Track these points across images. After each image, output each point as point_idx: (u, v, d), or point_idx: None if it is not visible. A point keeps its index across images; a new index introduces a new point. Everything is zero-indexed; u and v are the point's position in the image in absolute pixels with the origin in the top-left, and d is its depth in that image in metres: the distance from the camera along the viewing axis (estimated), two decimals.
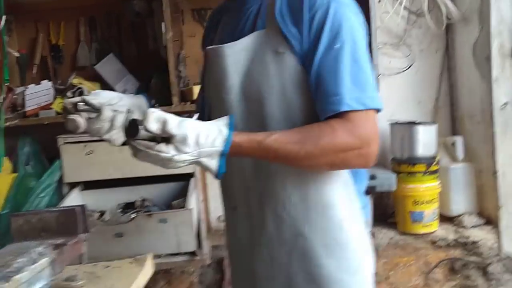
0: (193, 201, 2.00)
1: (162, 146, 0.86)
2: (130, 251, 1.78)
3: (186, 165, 0.91)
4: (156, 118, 0.86)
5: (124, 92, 2.19)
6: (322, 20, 1.01)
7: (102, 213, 2.00)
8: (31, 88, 2.15)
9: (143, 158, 0.89)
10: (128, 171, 2.02)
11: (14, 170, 2.05)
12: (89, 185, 2.12)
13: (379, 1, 2.42)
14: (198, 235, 1.94)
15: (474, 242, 2.26)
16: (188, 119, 0.90)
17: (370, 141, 0.97)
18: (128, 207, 2.06)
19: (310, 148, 0.95)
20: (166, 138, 0.87)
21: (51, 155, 2.11)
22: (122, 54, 2.40)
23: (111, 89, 2.21)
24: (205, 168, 0.92)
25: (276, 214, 1.07)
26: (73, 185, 2.09)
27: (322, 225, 1.06)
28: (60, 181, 2.04)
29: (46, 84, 2.18)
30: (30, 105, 2.11)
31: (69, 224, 0.85)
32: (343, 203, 1.07)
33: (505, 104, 2.13)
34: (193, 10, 2.47)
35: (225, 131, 0.91)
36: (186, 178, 2.05)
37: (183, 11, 2.45)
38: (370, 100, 0.99)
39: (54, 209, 0.86)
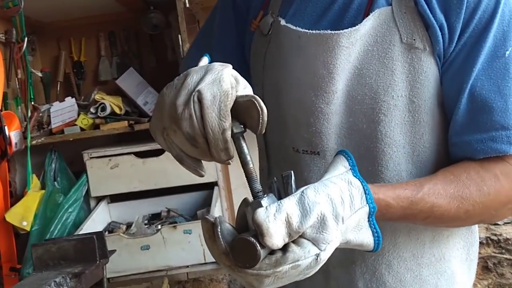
0: (217, 209, 2.01)
1: (297, 250, 0.54)
2: (157, 263, 1.81)
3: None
4: (275, 223, 0.52)
5: (145, 104, 2.23)
6: (490, 12, 0.69)
7: (129, 226, 2.04)
8: (56, 106, 2.20)
9: (273, 284, 0.55)
10: (152, 183, 2.04)
11: (42, 186, 2.10)
12: (115, 198, 2.15)
13: None
14: None
15: (507, 239, 2.21)
16: (307, 187, 0.57)
17: None
18: (154, 218, 2.09)
19: (472, 207, 0.68)
20: None
21: (77, 170, 2.16)
22: (142, 67, 2.44)
23: (132, 102, 2.24)
24: (355, 247, 0.61)
25: (375, 278, 0.80)
26: (99, 199, 2.13)
27: (433, 283, 0.82)
28: (87, 195, 2.08)
29: (70, 101, 2.22)
30: (56, 122, 2.16)
31: (87, 252, 0.87)
32: (458, 250, 0.83)
33: None
34: None
35: (355, 181, 0.60)
36: (210, 186, 2.07)
37: (199, 21, 2.47)
38: None
39: (72, 237, 0.88)
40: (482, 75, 0.71)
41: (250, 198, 0.59)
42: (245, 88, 0.61)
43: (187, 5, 2.12)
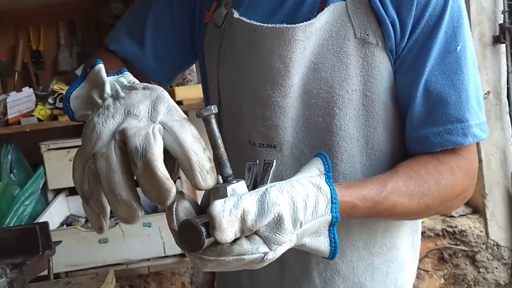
0: None
1: (245, 245, 0.53)
2: (115, 256, 1.79)
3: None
4: (230, 218, 0.51)
5: None
6: (440, 8, 0.71)
7: (88, 219, 2.00)
8: (13, 96, 2.14)
9: (215, 268, 0.55)
10: None
11: None
12: (74, 191, 2.11)
13: None
14: None
15: (462, 231, 2.27)
16: (273, 184, 0.56)
17: (475, 177, 0.76)
18: None
19: (431, 201, 0.71)
20: None
21: (34, 162, 2.11)
22: None
23: None
24: (309, 252, 0.61)
25: (329, 267, 0.82)
26: (58, 191, 2.09)
27: (384, 270, 0.83)
28: (45, 187, 2.04)
29: (28, 91, 2.16)
30: (12, 113, 2.10)
31: (29, 242, 0.85)
32: (407, 238, 0.86)
33: (488, 93, 2.12)
34: None
35: (325, 187, 0.59)
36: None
37: None
38: (485, 125, 0.74)
39: (14, 227, 0.86)
40: (435, 70, 0.72)
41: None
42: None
43: None
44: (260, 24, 0.74)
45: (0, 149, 2.13)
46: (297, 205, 0.55)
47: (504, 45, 2.02)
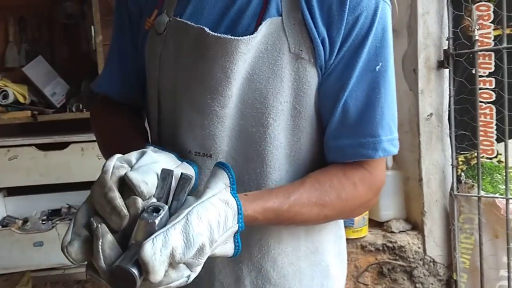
0: None
1: (172, 275, 0.57)
2: (51, 260, 1.74)
3: None
4: (160, 260, 0.54)
5: (53, 95, 2.14)
6: (367, 28, 0.75)
7: (25, 221, 1.94)
8: None
9: None
10: (54, 177, 1.96)
11: None
12: (13, 191, 2.05)
13: None
14: None
15: (401, 247, 2.34)
16: (190, 211, 0.58)
17: (380, 191, 0.82)
18: (54, 214, 2.01)
19: (330, 212, 0.76)
20: None
21: None
22: (54, 56, 2.34)
23: (39, 92, 2.14)
24: (220, 256, 0.66)
25: (260, 275, 0.83)
26: None
27: (310, 274, 0.86)
28: None
29: None
30: None
31: None
32: (330, 243, 0.90)
33: (430, 114, 2.21)
34: None
35: (232, 201, 0.64)
36: None
37: None
38: (397, 141, 0.80)
39: None
40: (355, 87, 0.76)
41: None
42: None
43: None
44: (206, 30, 0.75)
45: None
46: (213, 227, 0.60)
47: (447, 70, 2.11)
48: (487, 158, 2.05)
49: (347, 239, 2.42)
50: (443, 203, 2.23)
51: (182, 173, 0.63)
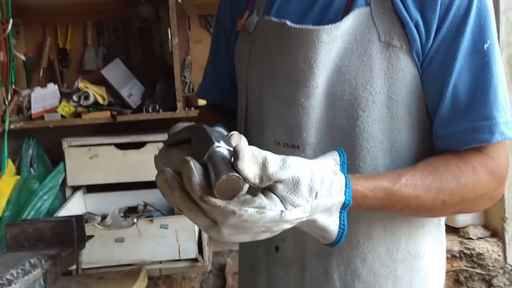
0: None
1: (264, 199, 0.55)
2: (130, 256, 1.78)
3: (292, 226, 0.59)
4: (253, 157, 0.54)
5: (129, 96, 2.20)
6: (465, 7, 0.72)
7: (104, 217, 2.00)
8: (37, 91, 2.16)
9: (231, 229, 0.55)
10: (131, 175, 2.02)
11: (18, 172, 2.05)
12: (92, 189, 2.12)
13: None
14: (200, 241, 1.93)
15: (479, 254, 2.24)
16: (291, 157, 0.58)
17: (505, 180, 0.76)
18: (130, 211, 2.06)
19: (449, 198, 0.71)
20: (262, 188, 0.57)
21: (55, 158, 2.12)
22: (129, 59, 2.41)
23: (116, 93, 2.21)
24: (319, 230, 0.62)
25: (349, 270, 0.81)
26: (76, 188, 2.09)
27: (408, 280, 0.82)
28: (63, 184, 2.04)
29: (52, 87, 2.18)
30: (36, 108, 2.12)
31: (65, 235, 0.85)
32: (432, 248, 0.85)
33: None
34: (199, 16, 2.47)
35: (339, 173, 0.62)
36: None
37: (190, 17, 2.46)
38: None
39: (51, 219, 0.86)
40: (463, 69, 0.73)
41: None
42: None
43: None
44: (288, 23, 0.77)
45: (21, 143, 2.14)
46: (315, 176, 0.58)
47: None
48: None
49: None
50: None
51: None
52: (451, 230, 2.40)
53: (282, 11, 0.82)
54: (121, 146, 2.01)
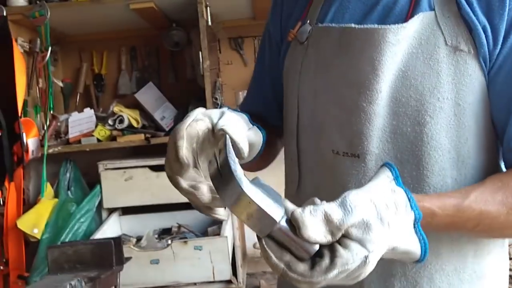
0: (228, 228, 2.00)
1: (343, 252, 0.53)
2: (165, 278, 1.80)
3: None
4: (313, 219, 0.53)
5: (162, 119, 2.24)
6: None
7: (139, 239, 2.03)
8: (74, 116, 2.22)
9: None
10: (164, 197, 2.04)
11: (56, 195, 2.11)
12: (127, 211, 2.15)
13: None
14: (234, 262, 1.93)
15: None
16: (347, 195, 0.56)
17: None
18: (165, 233, 2.08)
19: None
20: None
21: (91, 181, 2.17)
22: (161, 82, 2.47)
23: (149, 116, 2.26)
24: (402, 255, 0.59)
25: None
26: (111, 211, 2.13)
27: None
28: (100, 206, 2.08)
29: (89, 112, 2.25)
30: (73, 132, 2.18)
31: (103, 256, 0.86)
32: (496, 268, 0.82)
33: None
34: (229, 39, 2.52)
35: (399, 190, 0.59)
36: None
37: (220, 40, 2.50)
38: None
39: (90, 241, 0.87)
40: None
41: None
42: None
43: (210, 23, 2.15)
44: (350, 25, 0.75)
45: (59, 167, 2.20)
46: (379, 205, 0.56)
47: None
48: None
49: None
50: None
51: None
52: None
53: (338, 18, 0.79)
54: (155, 168, 2.04)
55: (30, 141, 2.00)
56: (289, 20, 0.88)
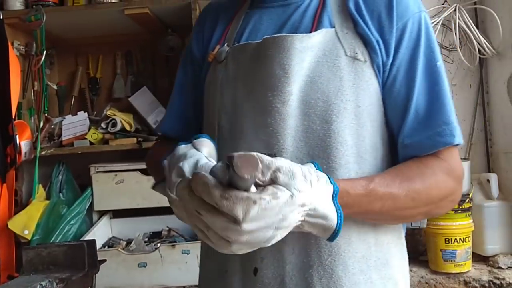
0: None
1: (273, 188, 0.61)
2: (153, 281, 1.81)
3: (301, 222, 0.64)
4: (245, 158, 0.58)
5: (155, 123, 2.26)
6: (416, 31, 0.85)
7: (129, 242, 2.04)
8: (68, 119, 2.25)
9: (253, 222, 0.59)
10: (155, 200, 2.05)
11: (47, 197, 2.12)
12: (117, 214, 2.17)
13: None
14: None
15: (510, 284, 2.16)
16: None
17: (462, 180, 0.86)
18: (155, 236, 2.09)
19: (417, 195, 0.79)
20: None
21: (83, 184, 2.19)
22: (156, 87, 2.48)
23: (143, 120, 2.28)
24: (320, 219, 0.66)
25: (332, 281, 0.82)
26: (102, 213, 2.14)
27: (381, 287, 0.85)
28: (91, 208, 2.10)
29: (82, 115, 2.27)
30: (66, 135, 2.20)
31: (77, 259, 0.87)
32: (397, 258, 0.90)
33: None
34: None
35: (320, 172, 0.68)
36: None
37: None
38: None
39: (64, 243, 0.89)
40: (423, 84, 0.85)
41: None
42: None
43: None
44: (264, 37, 0.86)
45: (52, 169, 2.22)
46: (303, 168, 0.65)
47: None
48: None
49: (448, 274, 2.28)
50: None
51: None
52: (479, 258, 2.33)
53: (252, 37, 0.91)
54: (146, 172, 2.06)
55: (23, 143, 2.02)
56: (210, 44, 0.99)
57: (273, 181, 0.62)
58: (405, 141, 0.85)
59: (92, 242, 0.91)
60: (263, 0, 0.94)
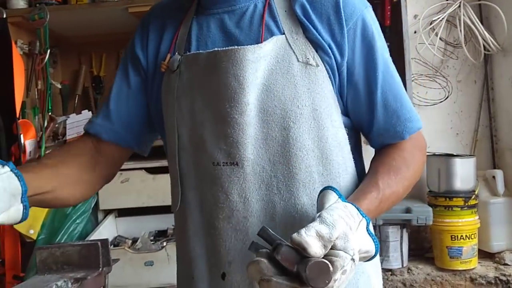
0: None
1: (338, 259, 0.65)
2: (160, 279, 1.81)
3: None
4: (311, 238, 0.64)
5: None
6: (370, 28, 0.88)
7: (134, 241, 2.04)
8: (72, 118, 2.24)
9: None
10: (160, 199, 2.05)
11: None
12: (123, 212, 2.16)
13: (415, 32, 2.40)
14: None
15: None
16: (323, 214, 0.69)
17: (426, 150, 0.96)
18: (160, 235, 2.09)
19: (408, 182, 0.87)
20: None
21: None
22: None
23: None
24: (365, 254, 0.72)
25: None
26: (108, 212, 2.14)
27: (354, 283, 0.88)
28: (96, 207, 2.09)
29: (86, 114, 2.26)
30: (71, 134, 2.19)
31: (91, 258, 0.87)
32: (372, 267, 0.93)
33: None
34: None
35: (347, 204, 0.73)
36: None
37: None
38: None
39: (78, 243, 0.89)
40: (384, 78, 0.89)
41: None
42: None
43: None
44: (215, 49, 0.87)
45: None
46: (345, 218, 0.69)
47: None
48: None
49: (454, 271, 2.28)
50: None
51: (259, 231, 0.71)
52: (485, 255, 2.33)
53: (202, 46, 0.91)
54: (151, 171, 2.05)
55: (28, 142, 2.01)
56: (158, 52, 0.96)
57: (332, 249, 0.66)
58: (380, 131, 0.91)
59: (106, 241, 0.90)
60: (208, 7, 0.93)
